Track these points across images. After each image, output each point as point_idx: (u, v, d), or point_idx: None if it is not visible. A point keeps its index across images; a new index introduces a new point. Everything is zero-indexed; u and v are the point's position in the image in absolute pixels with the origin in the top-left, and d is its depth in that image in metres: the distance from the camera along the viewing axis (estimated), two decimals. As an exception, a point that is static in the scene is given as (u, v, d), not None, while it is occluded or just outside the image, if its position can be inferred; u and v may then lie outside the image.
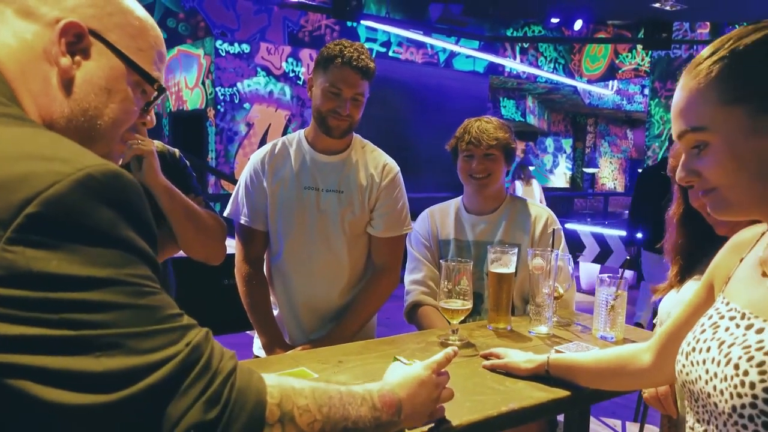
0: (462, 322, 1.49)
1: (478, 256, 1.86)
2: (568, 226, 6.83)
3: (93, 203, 0.55)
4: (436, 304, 1.78)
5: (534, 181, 7.26)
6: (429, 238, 1.96)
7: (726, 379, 0.73)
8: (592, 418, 3.23)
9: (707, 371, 0.77)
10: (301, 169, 1.73)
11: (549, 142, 14.84)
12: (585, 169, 14.85)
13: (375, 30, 8.39)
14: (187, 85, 8.04)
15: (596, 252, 6.56)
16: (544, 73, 11.06)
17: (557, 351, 1.41)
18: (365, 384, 0.82)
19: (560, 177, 15.20)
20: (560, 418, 1.76)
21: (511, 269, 1.63)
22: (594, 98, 13.21)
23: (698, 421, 0.82)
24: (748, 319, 0.76)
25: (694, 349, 0.81)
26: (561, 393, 1.18)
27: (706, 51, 0.77)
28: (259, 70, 7.69)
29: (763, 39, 0.72)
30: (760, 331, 0.73)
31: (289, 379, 0.68)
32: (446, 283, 1.45)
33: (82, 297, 0.54)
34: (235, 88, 7.52)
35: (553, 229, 1.82)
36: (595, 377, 1.17)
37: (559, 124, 15.07)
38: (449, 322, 1.47)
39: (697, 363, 0.79)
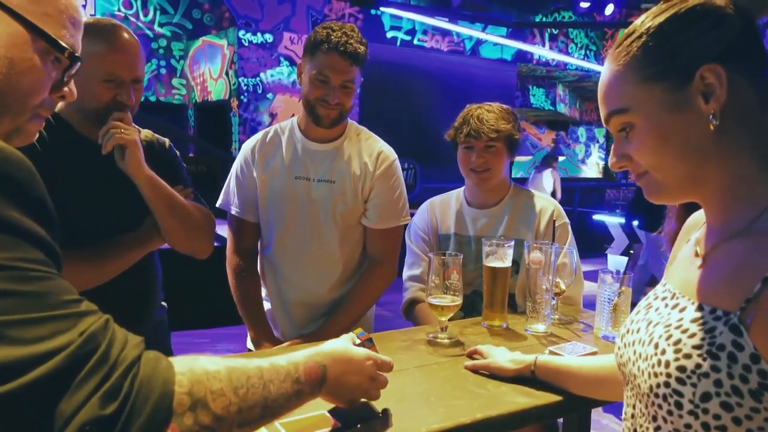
0: (456, 318, 1.42)
1: (479, 252, 1.77)
2: (596, 217, 6.64)
3: None
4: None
5: (556, 172, 7.13)
6: (428, 231, 1.88)
7: (647, 358, 0.72)
8: (604, 414, 3.13)
9: (635, 352, 0.76)
10: (292, 158, 1.68)
11: (581, 131, 14.46)
12: (618, 159, 14.44)
13: (400, 18, 8.27)
14: (211, 76, 8.08)
15: (625, 244, 6.35)
16: (575, 60, 10.75)
17: (551, 352, 1.33)
18: (293, 354, 0.79)
19: (593, 167, 14.82)
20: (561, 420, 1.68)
21: (507, 263, 1.54)
22: (628, 86, 12.79)
23: (628, 405, 0.80)
24: (677, 298, 0.75)
25: (628, 331, 0.80)
26: (548, 399, 1.09)
27: (625, 32, 0.76)
28: (282, 59, 7.67)
29: (675, 15, 0.71)
30: (682, 309, 0.72)
31: (202, 362, 0.63)
32: (434, 277, 1.38)
33: None
34: (258, 78, 7.51)
35: (554, 223, 1.72)
36: (585, 383, 1.08)
37: (591, 113, 14.64)
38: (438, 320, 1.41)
39: (629, 344, 0.78)
